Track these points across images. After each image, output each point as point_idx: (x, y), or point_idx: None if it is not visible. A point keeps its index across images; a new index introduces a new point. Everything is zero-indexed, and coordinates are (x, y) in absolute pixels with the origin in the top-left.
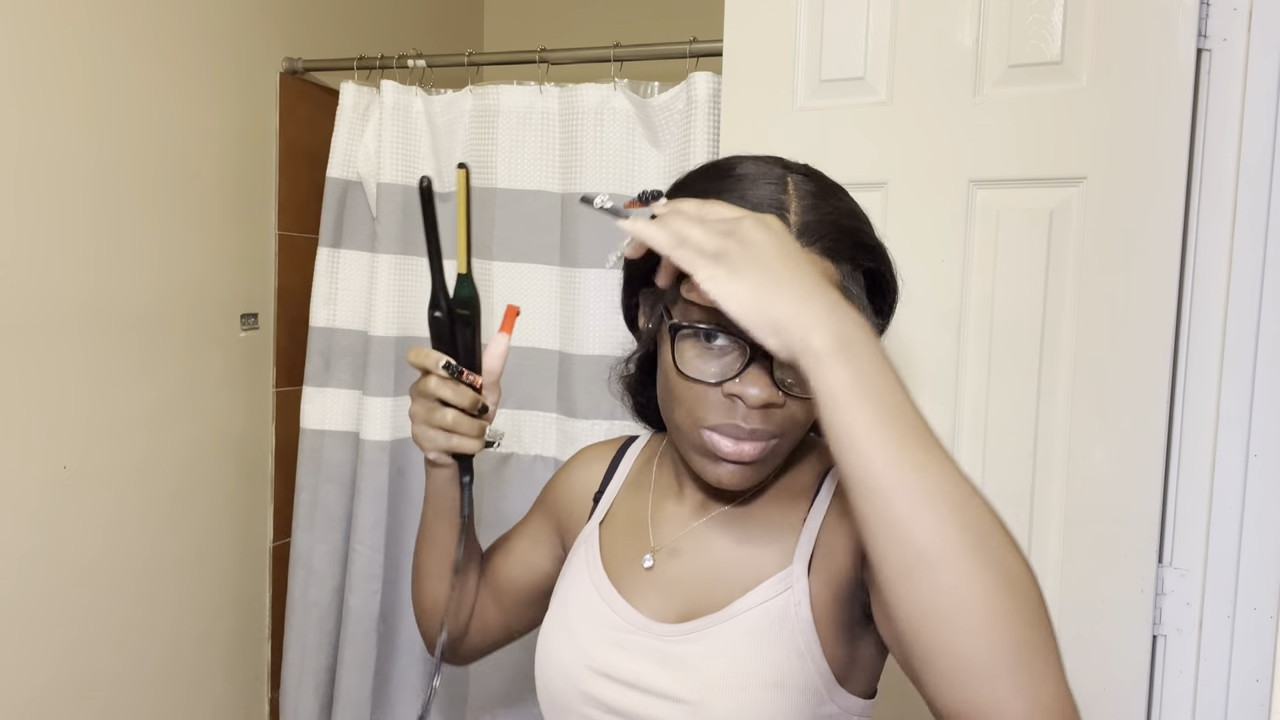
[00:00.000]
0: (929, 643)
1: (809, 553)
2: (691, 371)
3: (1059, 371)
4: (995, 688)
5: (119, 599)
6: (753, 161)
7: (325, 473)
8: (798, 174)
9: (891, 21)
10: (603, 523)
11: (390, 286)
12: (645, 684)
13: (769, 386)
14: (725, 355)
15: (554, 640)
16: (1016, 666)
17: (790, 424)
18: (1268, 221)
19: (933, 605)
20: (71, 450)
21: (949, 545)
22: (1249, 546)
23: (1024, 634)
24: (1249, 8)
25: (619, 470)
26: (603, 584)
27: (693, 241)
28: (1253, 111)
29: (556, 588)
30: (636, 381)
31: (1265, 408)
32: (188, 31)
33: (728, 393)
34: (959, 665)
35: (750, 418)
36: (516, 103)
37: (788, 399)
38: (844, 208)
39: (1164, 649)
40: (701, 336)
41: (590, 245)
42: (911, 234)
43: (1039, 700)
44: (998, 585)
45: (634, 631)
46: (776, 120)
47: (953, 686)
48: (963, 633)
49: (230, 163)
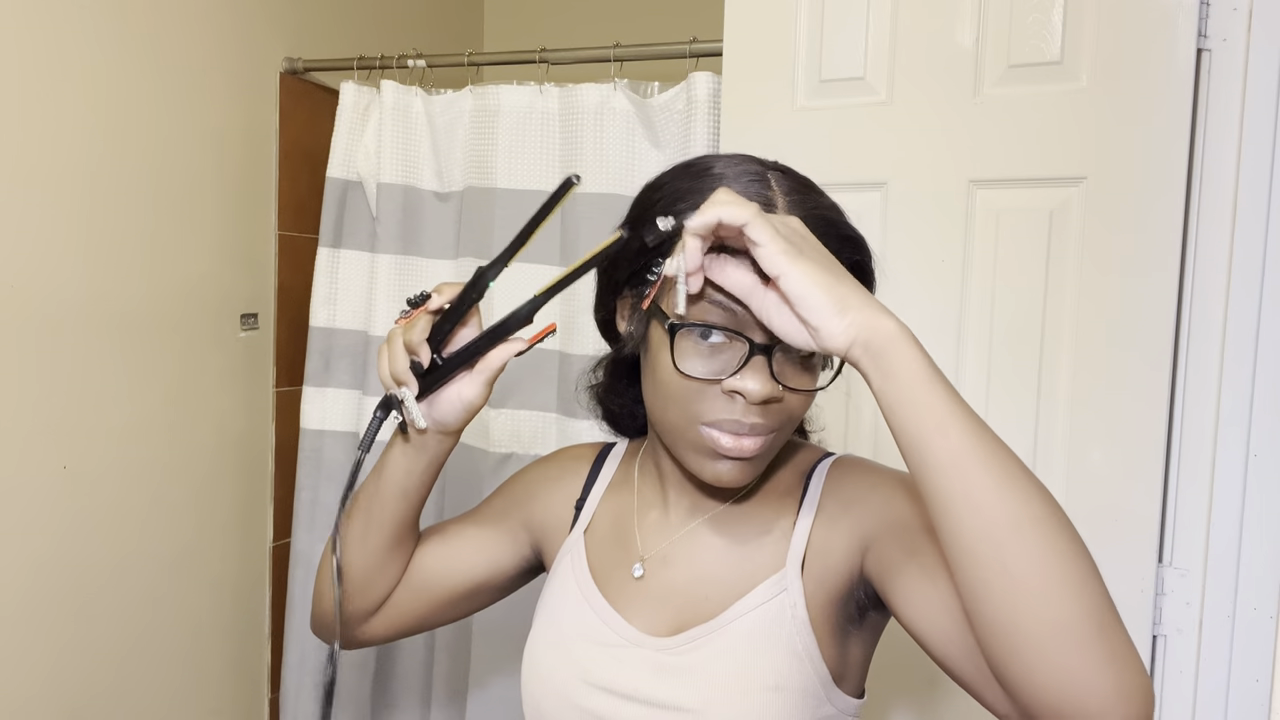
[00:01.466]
0: (1017, 616)
1: (801, 554)
2: (690, 370)
3: (1059, 372)
4: (1085, 655)
5: (119, 599)
6: (726, 160)
7: (325, 473)
8: (775, 171)
9: (891, 21)
10: (586, 531)
11: (390, 286)
12: (645, 695)
13: (769, 381)
14: (723, 352)
15: (544, 654)
16: (1101, 634)
17: (787, 418)
18: (1268, 221)
19: (1023, 573)
20: (71, 450)
21: (1033, 512)
22: (1249, 546)
23: (1104, 603)
24: (1249, 8)
25: (600, 477)
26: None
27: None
28: (1253, 111)
29: (542, 598)
30: (606, 389)
31: (1265, 408)
32: (188, 31)
33: (728, 389)
34: (1048, 634)
35: (750, 413)
36: (516, 103)
37: (786, 392)
38: (824, 202)
39: (1164, 649)
40: (698, 334)
41: (590, 245)
42: (911, 234)
43: (1125, 671)
44: (1078, 555)
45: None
46: (776, 120)
47: (1042, 660)
48: (1053, 597)
49: (230, 163)
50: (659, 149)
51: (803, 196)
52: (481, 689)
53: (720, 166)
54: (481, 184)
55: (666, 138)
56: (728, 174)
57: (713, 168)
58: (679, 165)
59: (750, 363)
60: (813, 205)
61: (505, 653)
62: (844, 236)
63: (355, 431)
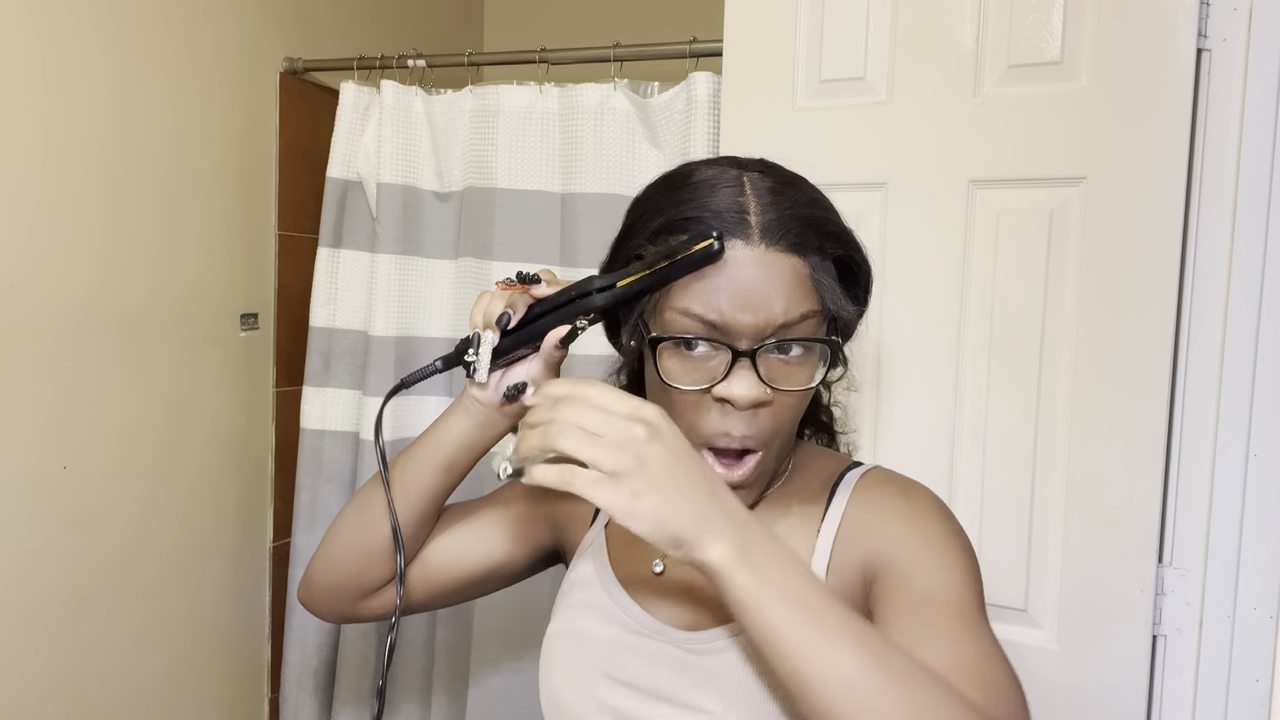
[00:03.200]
0: None
1: (824, 566)
2: (678, 381)
3: (1059, 371)
4: None
5: (119, 599)
6: (706, 166)
7: (325, 473)
8: (753, 171)
9: (891, 21)
10: (608, 525)
11: (390, 286)
12: (665, 692)
13: (756, 384)
14: (709, 361)
15: (564, 643)
16: None
17: (781, 422)
18: (1268, 221)
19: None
20: (71, 450)
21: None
22: (1249, 546)
23: None
24: (1249, 8)
25: None
26: (615, 590)
27: (592, 458)
28: (1253, 111)
29: (563, 590)
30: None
31: (1265, 408)
32: (188, 31)
33: (717, 396)
34: None
35: (743, 420)
36: (516, 103)
37: (775, 394)
38: (804, 198)
39: (1164, 649)
40: (682, 345)
41: (590, 245)
42: (911, 234)
43: None
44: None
45: (650, 636)
46: (776, 120)
47: None
48: None
49: (230, 163)
50: (659, 149)
51: (778, 198)
52: (481, 687)
53: (699, 174)
54: (481, 184)
55: (666, 138)
56: (705, 182)
57: (691, 177)
58: (663, 176)
59: (735, 368)
60: (789, 205)
61: (505, 650)
62: (826, 233)
63: (355, 431)
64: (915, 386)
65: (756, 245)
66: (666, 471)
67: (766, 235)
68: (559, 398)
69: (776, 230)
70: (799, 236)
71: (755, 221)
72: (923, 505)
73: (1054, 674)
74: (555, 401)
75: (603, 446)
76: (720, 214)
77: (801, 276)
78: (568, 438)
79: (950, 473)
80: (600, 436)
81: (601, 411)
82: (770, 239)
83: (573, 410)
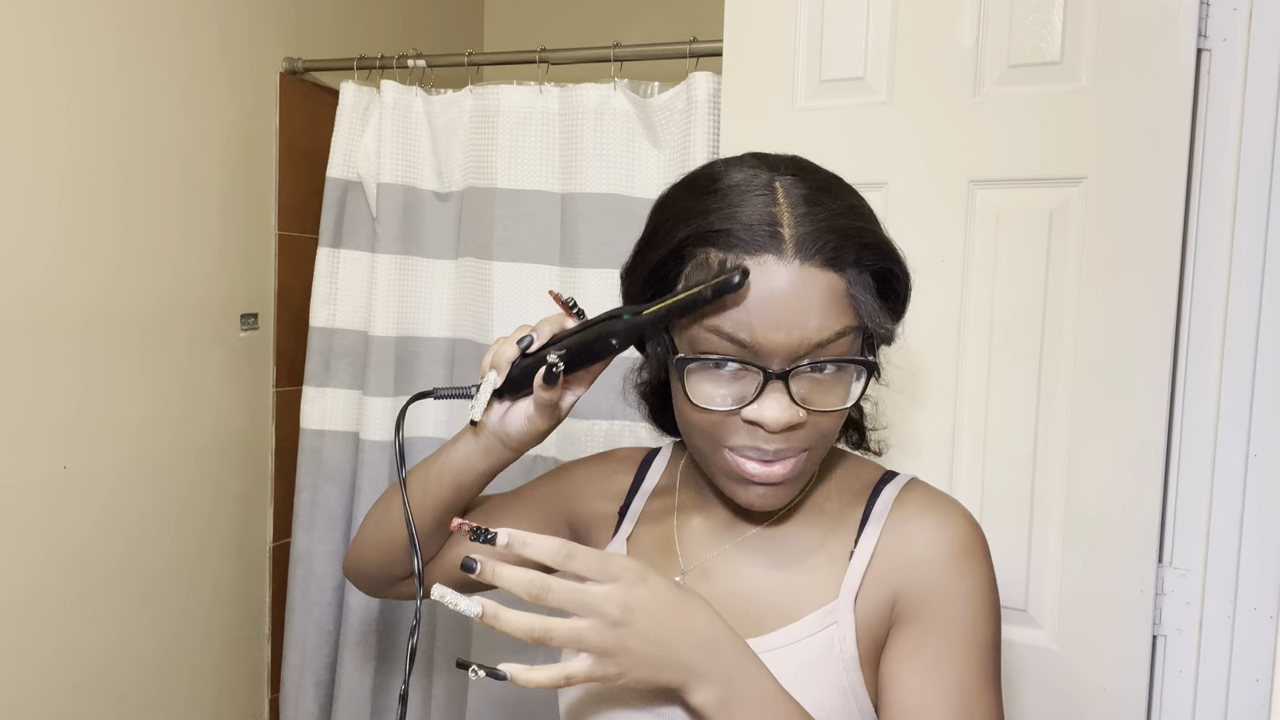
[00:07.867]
0: None
1: (856, 586)
2: (705, 402)
3: (1059, 371)
4: None
5: (119, 599)
6: (736, 168)
7: (325, 473)
8: (786, 176)
9: (891, 21)
10: (629, 538)
11: (390, 287)
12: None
13: (789, 406)
14: (738, 380)
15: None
16: None
17: (818, 437)
18: (1268, 221)
19: None
20: (71, 450)
21: None
22: (1249, 546)
23: None
24: (1249, 8)
25: (644, 485)
26: None
27: (582, 644)
28: (1253, 111)
29: None
30: (651, 390)
31: (1265, 408)
32: (188, 31)
33: (746, 419)
34: None
35: (774, 440)
36: (516, 103)
37: (809, 415)
38: (841, 206)
39: (1164, 649)
40: (711, 364)
41: (590, 245)
42: (911, 234)
43: None
44: None
45: None
46: (776, 120)
47: None
48: None
49: (230, 163)
50: (659, 149)
51: (813, 208)
52: (481, 689)
53: (728, 178)
54: (481, 184)
55: (666, 138)
56: (736, 188)
57: (720, 180)
58: (686, 178)
59: (767, 389)
60: (824, 216)
61: (506, 646)
62: (864, 245)
63: (355, 432)
64: (915, 386)
65: (790, 260)
66: (647, 642)
67: (801, 250)
68: (525, 584)
69: (811, 244)
70: (835, 250)
71: (788, 235)
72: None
73: (1054, 674)
74: (526, 585)
75: (584, 635)
76: (751, 227)
77: (837, 293)
78: (554, 634)
79: (950, 473)
80: (589, 625)
81: (575, 602)
82: (805, 254)
83: (550, 599)
